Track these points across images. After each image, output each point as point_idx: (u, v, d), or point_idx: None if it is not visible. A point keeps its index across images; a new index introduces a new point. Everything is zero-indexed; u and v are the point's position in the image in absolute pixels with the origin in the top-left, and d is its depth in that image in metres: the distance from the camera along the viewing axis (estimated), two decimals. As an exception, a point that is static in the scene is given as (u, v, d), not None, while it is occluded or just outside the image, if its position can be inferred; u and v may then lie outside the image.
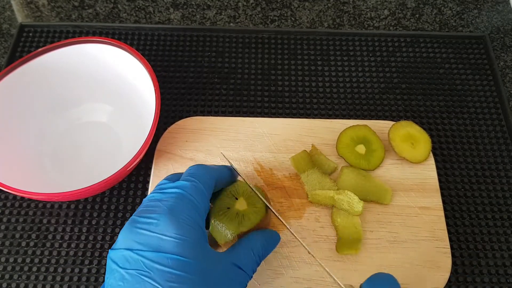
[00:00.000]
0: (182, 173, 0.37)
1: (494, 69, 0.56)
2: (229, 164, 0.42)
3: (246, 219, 0.37)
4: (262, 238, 0.37)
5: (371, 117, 0.52)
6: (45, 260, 0.44)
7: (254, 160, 0.48)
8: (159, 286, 0.29)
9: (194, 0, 0.62)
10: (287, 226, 0.38)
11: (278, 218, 0.39)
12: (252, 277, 0.35)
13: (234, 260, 0.34)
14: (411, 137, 0.48)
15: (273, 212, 0.39)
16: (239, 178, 0.41)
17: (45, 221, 0.46)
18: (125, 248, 0.31)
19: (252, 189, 0.40)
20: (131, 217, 0.33)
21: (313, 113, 0.52)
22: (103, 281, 0.43)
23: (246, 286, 0.34)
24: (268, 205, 0.39)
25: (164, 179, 0.36)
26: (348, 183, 0.45)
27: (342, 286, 0.34)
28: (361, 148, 0.47)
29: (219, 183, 0.38)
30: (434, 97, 0.54)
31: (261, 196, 0.39)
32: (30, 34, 0.58)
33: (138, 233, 0.31)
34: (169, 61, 0.56)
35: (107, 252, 0.44)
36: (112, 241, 0.45)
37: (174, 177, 0.36)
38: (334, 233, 0.44)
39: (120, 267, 0.30)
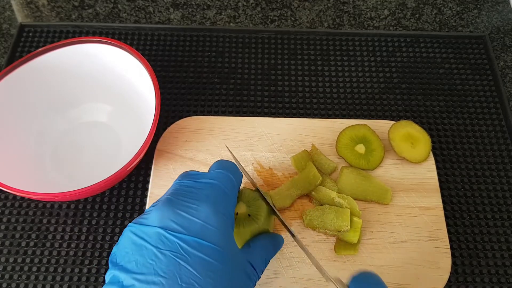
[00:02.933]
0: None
1: (494, 69, 0.56)
2: (232, 157, 0.42)
3: (252, 222, 0.37)
4: (272, 241, 0.38)
5: (371, 117, 0.52)
6: (45, 260, 0.44)
7: (254, 160, 0.48)
8: (196, 273, 0.29)
9: (194, 0, 0.62)
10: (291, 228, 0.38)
11: (279, 217, 0.39)
12: (260, 277, 0.35)
13: (249, 258, 0.34)
14: (411, 137, 0.47)
15: (272, 207, 0.39)
16: (242, 185, 0.41)
17: (45, 221, 0.46)
18: (159, 226, 0.30)
19: (260, 191, 0.39)
20: (165, 196, 0.32)
21: (313, 113, 0.52)
22: (103, 281, 0.43)
23: (255, 285, 0.35)
24: (272, 205, 0.39)
25: (189, 172, 0.35)
26: (348, 183, 0.45)
27: (332, 279, 0.34)
28: (360, 148, 0.47)
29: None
30: (434, 97, 0.54)
31: (264, 195, 0.39)
32: (30, 34, 0.58)
33: (177, 213, 0.30)
34: (169, 61, 0.56)
35: (107, 252, 0.44)
36: (112, 241, 0.45)
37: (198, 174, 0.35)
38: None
39: (152, 245, 0.29)
